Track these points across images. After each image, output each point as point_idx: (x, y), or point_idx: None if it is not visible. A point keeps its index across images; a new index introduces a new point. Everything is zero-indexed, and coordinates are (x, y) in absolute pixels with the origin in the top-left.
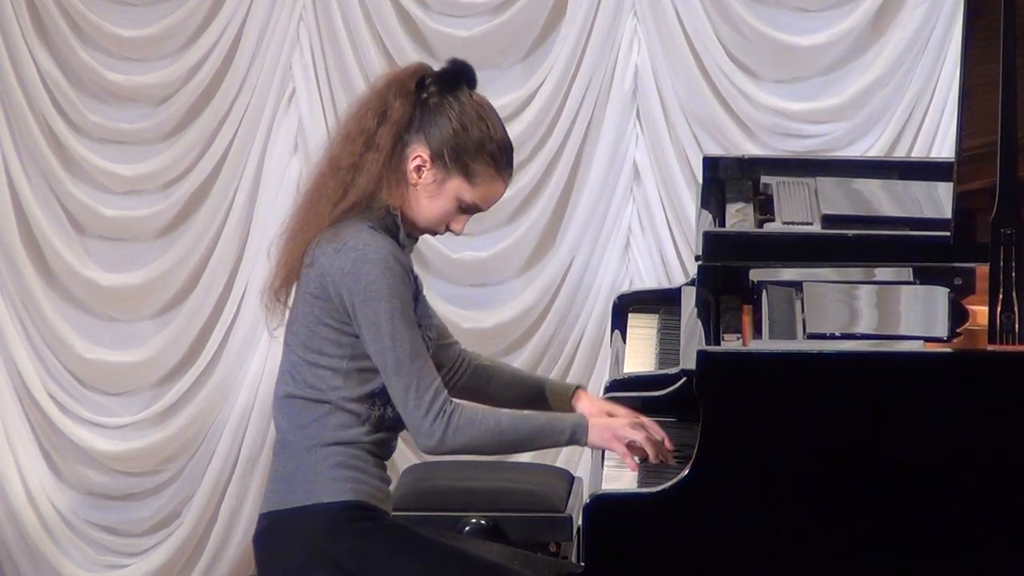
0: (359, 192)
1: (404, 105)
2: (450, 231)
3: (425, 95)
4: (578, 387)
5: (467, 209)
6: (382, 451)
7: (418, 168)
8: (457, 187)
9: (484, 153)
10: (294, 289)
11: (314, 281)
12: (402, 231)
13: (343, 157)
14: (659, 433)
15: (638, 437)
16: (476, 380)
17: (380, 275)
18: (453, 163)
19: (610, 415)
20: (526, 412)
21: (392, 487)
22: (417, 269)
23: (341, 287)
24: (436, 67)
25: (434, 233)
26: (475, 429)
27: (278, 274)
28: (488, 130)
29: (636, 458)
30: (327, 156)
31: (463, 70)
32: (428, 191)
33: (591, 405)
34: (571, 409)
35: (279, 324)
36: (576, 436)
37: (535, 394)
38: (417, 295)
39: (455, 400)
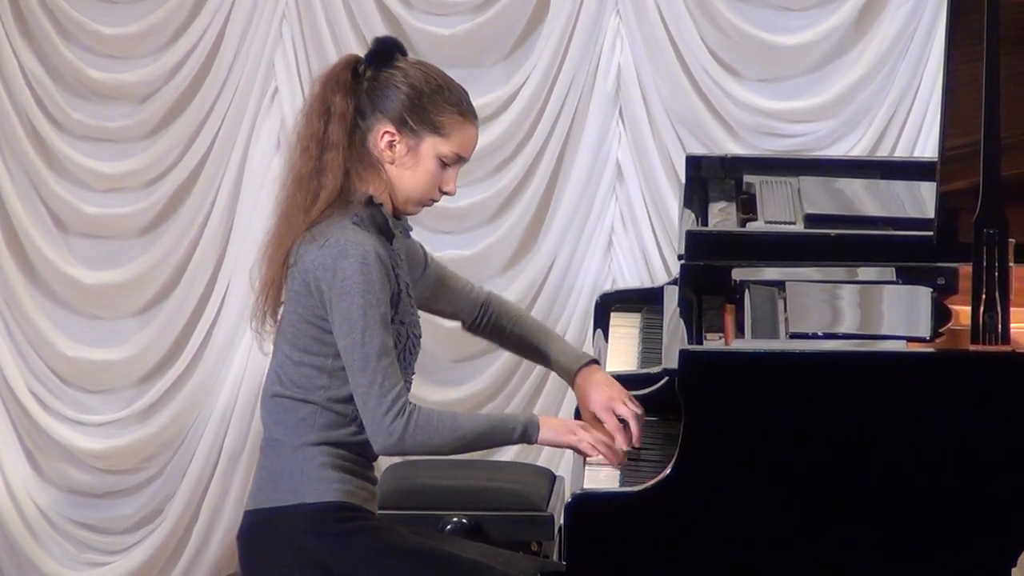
0: (329, 193)
1: (346, 98)
2: (445, 193)
3: (364, 81)
4: (580, 369)
5: (450, 163)
6: (368, 451)
7: (390, 144)
8: (432, 146)
9: (444, 103)
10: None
11: (298, 279)
12: (390, 219)
13: (303, 167)
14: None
15: (589, 439)
16: (494, 335)
17: (357, 271)
18: (420, 124)
19: (607, 392)
20: (480, 412)
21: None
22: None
23: (321, 281)
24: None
25: (431, 202)
26: (432, 429)
27: (263, 296)
28: (438, 81)
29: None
30: (290, 172)
31: (390, 43)
32: (406, 163)
33: (587, 378)
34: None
35: (271, 341)
36: (527, 433)
37: (545, 354)
38: (399, 294)
39: (413, 402)
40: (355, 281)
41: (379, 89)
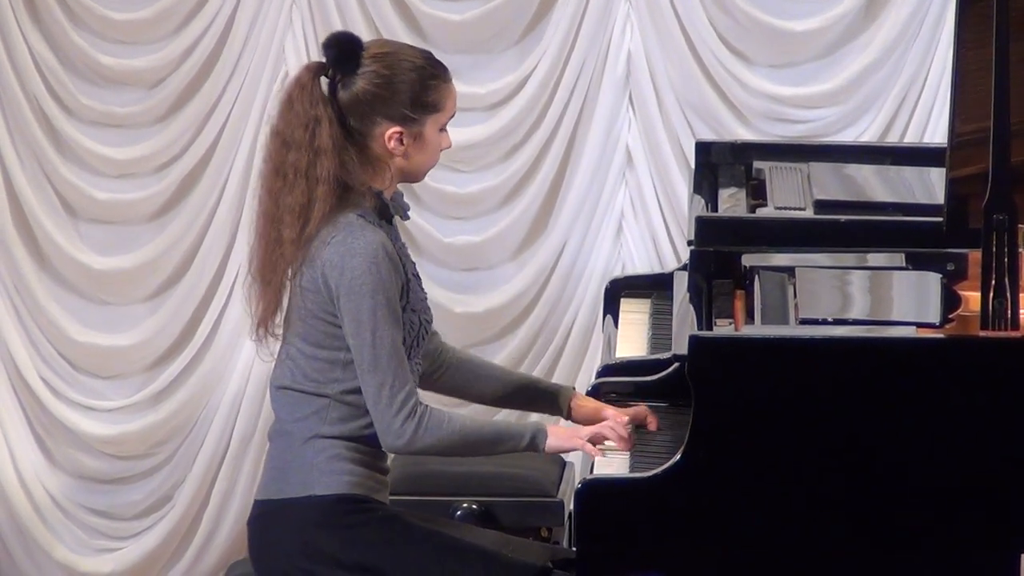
0: (317, 220)
1: (327, 108)
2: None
3: (339, 91)
4: (573, 389)
5: (445, 127)
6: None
7: (399, 139)
8: (432, 122)
9: (426, 82)
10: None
11: (305, 275)
12: (390, 204)
13: (293, 200)
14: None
15: (602, 431)
16: (459, 375)
17: (366, 270)
18: (417, 111)
19: (598, 414)
20: (490, 420)
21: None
22: (409, 253)
23: (329, 279)
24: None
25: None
26: (443, 431)
27: (259, 313)
28: (411, 63)
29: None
30: (271, 198)
31: (350, 40)
32: (415, 148)
33: (584, 403)
34: (563, 408)
35: (271, 351)
36: (535, 441)
37: (523, 388)
38: (408, 283)
39: (424, 402)
40: (364, 281)
41: (362, 93)
